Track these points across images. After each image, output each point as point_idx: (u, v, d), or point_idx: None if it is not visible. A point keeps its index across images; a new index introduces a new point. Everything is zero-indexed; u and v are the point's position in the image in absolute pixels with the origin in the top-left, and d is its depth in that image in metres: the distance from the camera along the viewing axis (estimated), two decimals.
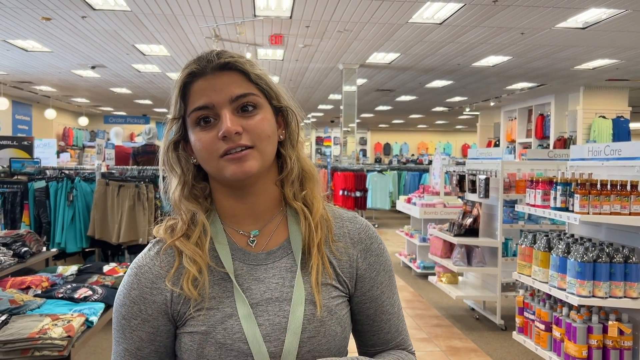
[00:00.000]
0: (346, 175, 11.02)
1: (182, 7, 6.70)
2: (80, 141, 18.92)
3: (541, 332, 3.24)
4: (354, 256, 0.97)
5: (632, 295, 2.86)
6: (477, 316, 5.09)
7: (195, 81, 0.89)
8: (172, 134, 0.94)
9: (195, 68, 0.89)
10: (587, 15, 6.74)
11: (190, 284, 0.88)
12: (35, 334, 2.32)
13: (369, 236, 1.00)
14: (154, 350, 0.90)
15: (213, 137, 0.88)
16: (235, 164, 0.87)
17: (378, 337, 0.99)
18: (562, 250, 3.03)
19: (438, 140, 25.79)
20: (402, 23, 7.27)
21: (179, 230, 0.92)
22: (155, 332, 0.90)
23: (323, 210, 0.97)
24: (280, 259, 0.93)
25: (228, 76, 0.89)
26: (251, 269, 0.91)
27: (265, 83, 0.92)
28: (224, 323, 0.86)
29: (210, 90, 0.88)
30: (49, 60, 10.25)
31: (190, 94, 0.90)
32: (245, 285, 0.90)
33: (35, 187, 4.76)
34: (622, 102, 12.06)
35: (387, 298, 0.99)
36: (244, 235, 0.94)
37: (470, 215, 4.91)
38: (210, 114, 0.88)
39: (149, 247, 0.95)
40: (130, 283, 0.91)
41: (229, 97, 0.88)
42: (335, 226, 0.98)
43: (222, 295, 0.88)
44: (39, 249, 3.67)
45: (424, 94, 14.07)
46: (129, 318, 0.90)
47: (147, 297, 0.89)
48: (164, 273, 0.90)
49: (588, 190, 2.93)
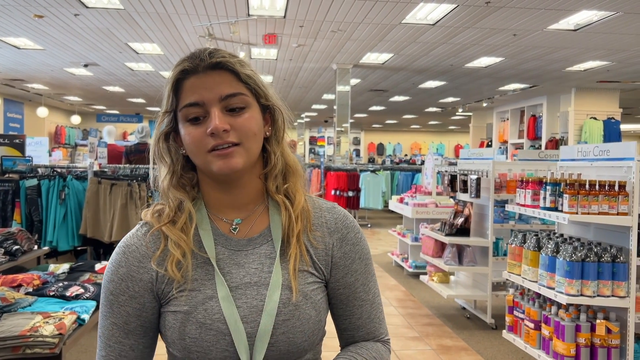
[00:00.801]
0: (339, 175, 11.04)
1: (175, 6, 6.69)
2: (73, 139, 18.82)
3: (530, 331, 3.28)
4: (330, 244, 1.01)
5: (620, 294, 2.89)
6: (468, 315, 5.13)
7: (187, 78, 0.93)
8: (164, 126, 0.98)
9: (188, 66, 0.93)
10: (578, 17, 6.80)
11: (174, 266, 0.93)
12: (26, 331, 2.32)
13: (345, 225, 1.04)
14: (140, 324, 0.95)
15: (202, 133, 0.92)
16: (222, 160, 0.92)
17: (349, 321, 1.03)
18: (551, 250, 3.07)
19: (431, 141, 25.87)
20: (396, 23, 7.30)
21: (165, 216, 0.97)
22: (142, 308, 0.94)
23: (304, 203, 1.01)
24: (260, 246, 0.98)
25: (219, 75, 0.93)
26: (232, 254, 0.96)
27: (255, 82, 0.96)
28: (204, 304, 0.91)
29: (201, 88, 0.92)
30: (41, 58, 10.20)
31: (182, 90, 0.94)
32: (225, 269, 0.94)
33: (26, 185, 4.74)
34: (613, 103, 12.17)
35: (361, 285, 1.03)
36: (227, 223, 0.99)
37: (461, 215, 4.94)
38: (201, 111, 0.92)
39: (137, 228, 1.00)
40: (119, 261, 0.96)
41: (218, 95, 0.92)
42: (314, 216, 1.03)
43: (204, 278, 0.93)
44: (31, 247, 3.66)
45: (417, 94, 14.12)
46: (116, 294, 0.94)
47: (135, 275, 0.94)
48: (150, 254, 0.95)
49: (577, 191, 2.96)
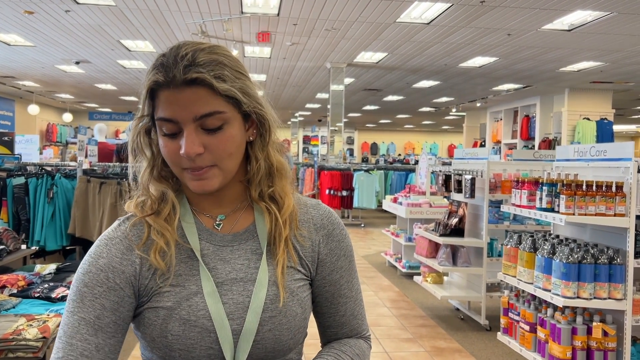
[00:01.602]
0: (333, 174, 11.00)
1: (168, 3, 6.61)
2: (65, 137, 18.67)
3: (526, 333, 3.24)
4: (317, 241, 1.00)
5: (616, 297, 2.86)
6: (461, 316, 5.09)
7: (161, 89, 0.87)
8: (143, 122, 0.94)
9: (161, 79, 0.86)
10: (573, 17, 6.78)
11: (158, 255, 0.89)
12: (9, 334, 2.25)
13: (331, 222, 1.02)
14: (114, 321, 0.88)
15: (176, 149, 0.87)
16: (196, 182, 0.89)
17: (334, 319, 1.03)
18: (547, 251, 3.03)
19: (425, 141, 25.89)
20: (390, 22, 7.25)
21: (148, 207, 0.94)
22: (120, 302, 0.89)
23: (293, 206, 0.98)
24: (246, 242, 0.95)
25: (194, 92, 0.85)
26: (217, 249, 0.93)
27: (234, 94, 0.87)
28: (189, 300, 0.87)
29: (174, 104, 0.85)
30: (32, 55, 10.07)
31: (157, 98, 0.88)
32: (211, 265, 0.91)
33: (14, 184, 4.65)
34: (606, 104, 12.20)
35: (346, 282, 1.02)
36: (211, 218, 0.96)
37: (455, 215, 4.90)
38: (174, 127, 0.87)
39: (119, 223, 0.95)
40: (99, 252, 0.91)
41: (192, 115, 0.85)
42: (299, 212, 1.01)
43: (188, 273, 0.90)
44: (17, 247, 3.58)
45: (411, 94, 14.10)
46: (92, 285, 0.88)
47: (117, 267, 0.89)
48: (134, 245, 0.91)
49: (574, 191, 2.92)
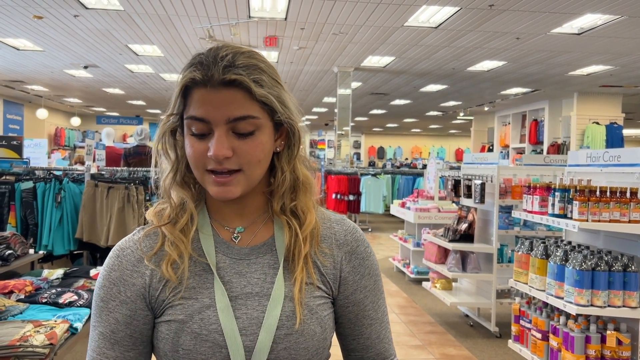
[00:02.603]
0: (340, 178, 10.96)
1: (176, 8, 6.62)
2: (72, 141, 18.78)
3: (538, 341, 3.19)
4: (339, 258, 0.95)
5: (631, 305, 2.80)
6: (471, 323, 5.04)
7: (196, 87, 0.85)
8: (169, 122, 0.91)
9: (198, 77, 0.83)
10: (582, 21, 6.73)
11: (170, 267, 0.88)
12: (16, 341, 2.23)
13: (355, 239, 0.98)
14: (129, 334, 0.88)
15: (203, 150, 0.85)
16: (218, 187, 0.86)
17: (358, 342, 0.97)
18: (559, 258, 2.98)
19: (432, 145, 25.81)
20: (398, 26, 7.23)
21: (166, 216, 0.92)
22: (132, 315, 0.88)
23: (315, 222, 0.95)
24: (263, 255, 0.92)
25: (231, 94, 0.83)
26: (233, 262, 0.91)
27: (271, 101, 0.86)
28: (201, 313, 0.85)
29: (208, 104, 0.83)
30: (41, 60, 10.13)
31: (190, 97, 0.86)
32: (226, 278, 0.89)
33: (22, 188, 4.65)
34: (615, 108, 12.10)
35: (370, 303, 0.97)
36: (229, 231, 0.94)
37: (465, 221, 4.86)
38: (205, 127, 0.85)
39: (134, 233, 0.95)
40: (112, 265, 0.90)
41: (226, 117, 0.83)
42: (322, 227, 0.97)
43: (202, 286, 0.88)
44: (25, 252, 3.57)
45: (418, 98, 14.06)
46: (106, 300, 0.89)
47: (127, 279, 0.89)
48: (144, 256, 0.90)
49: (587, 197, 2.88)
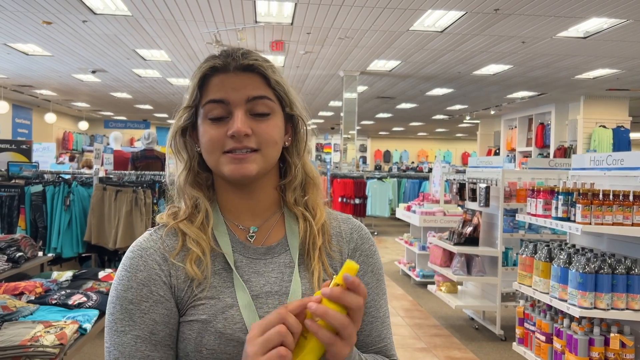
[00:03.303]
0: (346, 182, 10.98)
1: (183, 13, 6.69)
2: (80, 145, 18.93)
3: (542, 344, 3.20)
4: (345, 254, 0.99)
5: (635, 307, 2.82)
6: (476, 326, 5.05)
7: (215, 75, 0.91)
8: (182, 120, 0.95)
9: (218, 63, 0.91)
10: (588, 25, 6.74)
11: (194, 264, 0.88)
12: (26, 341, 2.28)
13: (360, 236, 1.02)
14: (169, 333, 0.86)
15: (222, 133, 0.89)
16: (236, 164, 0.89)
17: (358, 338, 0.97)
18: (563, 261, 2.99)
19: (438, 148, 25.78)
20: (403, 31, 7.26)
21: (182, 214, 0.93)
22: (169, 313, 0.86)
23: (325, 219, 0.99)
24: (279, 255, 0.94)
25: (248, 77, 0.91)
26: (251, 262, 0.92)
27: (283, 90, 0.94)
28: (224, 313, 0.85)
29: (228, 86, 0.90)
30: (49, 64, 10.24)
31: (207, 86, 0.91)
32: (245, 277, 0.90)
33: (31, 192, 4.72)
34: (622, 112, 12.06)
35: (372, 300, 0.98)
36: (243, 230, 0.95)
37: (470, 224, 4.87)
38: (224, 110, 0.90)
39: (151, 232, 0.94)
40: (136, 265, 0.88)
41: (245, 97, 0.89)
42: (330, 226, 1.00)
43: (223, 286, 0.88)
44: (34, 254, 3.63)
45: (425, 101, 14.07)
46: (138, 302, 0.85)
47: (157, 278, 0.87)
48: (168, 255, 0.90)
49: (590, 200, 2.89)
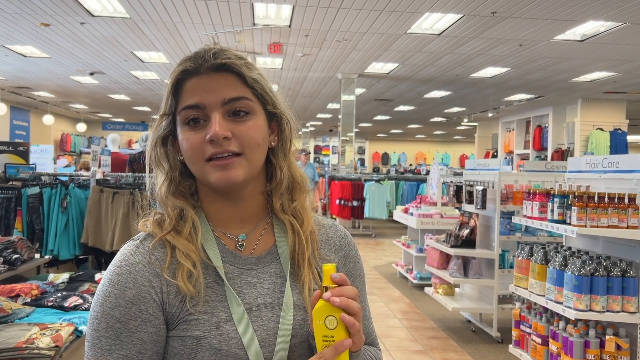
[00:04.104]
0: (344, 184, 11.00)
1: (181, 15, 6.70)
2: (78, 147, 18.91)
3: (538, 346, 3.21)
4: (335, 262, 0.98)
5: (630, 310, 2.82)
6: (473, 328, 5.05)
7: (188, 79, 0.87)
8: (161, 129, 0.91)
9: (190, 66, 0.87)
10: (585, 28, 6.76)
11: (186, 279, 0.84)
12: (22, 343, 2.28)
13: (348, 243, 1.02)
14: (156, 352, 0.84)
15: (200, 139, 0.85)
16: (221, 171, 0.85)
17: None
18: (559, 263, 3.00)
19: (436, 151, 25.82)
20: (401, 33, 7.28)
21: (167, 225, 0.89)
22: (157, 332, 0.84)
23: (313, 225, 0.97)
24: (269, 264, 0.91)
25: (223, 77, 0.86)
26: (242, 272, 0.89)
27: (262, 88, 0.89)
28: (219, 328, 0.82)
29: (202, 90, 0.85)
30: (47, 66, 10.24)
31: (182, 91, 0.88)
32: (237, 289, 0.87)
33: (28, 193, 4.71)
34: (619, 114, 12.10)
35: (361, 302, 1.00)
36: (232, 239, 0.92)
37: (467, 227, 4.88)
38: (201, 114, 0.86)
39: (137, 245, 0.88)
40: (125, 282, 0.84)
41: (221, 99, 0.85)
42: (318, 233, 0.99)
43: (216, 299, 0.85)
44: (31, 256, 3.62)
45: (423, 104, 14.09)
46: (125, 320, 0.82)
47: (147, 296, 0.83)
48: (159, 271, 0.85)
49: (585, 203, 2.90)
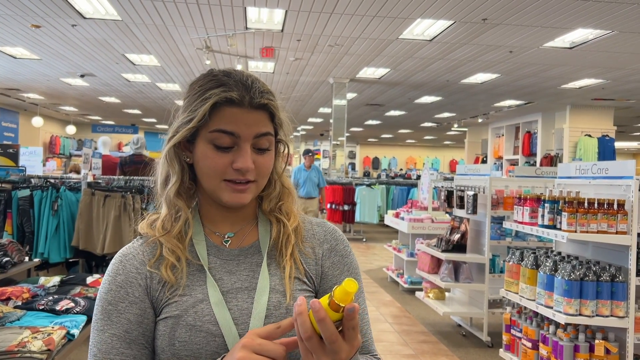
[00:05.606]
0: (335, 188, 11.02)
1: (173, 18, 6.69)
2: (68, 150, 18.77)
3: (528, 350, 3.24)
4: (319, 254, 1.04)
5: (619, 314, 2.86)
6: (463, 333, 5.08)
7: (228, 105, 0.94)
8: (181, 136, 0.97)
9: (236, 97, 0.93)
10: (574, 35, 6.85)
11: (169, 270, 0.95)
12: (13, 347, 2.26)
13: (334, 237, 1.08)
14: (142, 333, 0.93)
15: (227, 163, 0.94)
16: (235, 193, 0.96)
17: None
18: (549, 268, 3.04)
19: (426, 156, 25.94)
20: (393, 39, 7.33)
21: (159, 227, 1.00)
22: (143, 314, 0.93)
23: (299, 222, 1.06)
24: (251, 256, 1.01)
25: (260, 115, 0.96)
26: (224, 262, 0.99)
27: (281, 124, 1.01)
28: (195, 307, 0.92)
29: (241, 122, 0.94)
30: (37, 68, 10.17)
31: (219, 113, 0.94)
32: (217, 276, 0.96)
33: (19, 196, 4.68)
34: (607, 121, 12.25)
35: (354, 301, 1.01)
36: (219, 236, 1.03)
37: (458, 231, 4.91)
38: (231, 141, 0.94)
39: (134, 241, 1.03)
40: (116, 270, 0.97)
41: (254, 133, 0.95)
42: (304, 229, 1.07)
43: (195, 284, 0.95)
44: (21, 259, 3.60)
45: (413, 109, 14.17)
46: (115, 302, 0.94)
47: (133, 281, 0.95)
48: (147, 261, 0.98)
49: (575, 209, 2.94)
